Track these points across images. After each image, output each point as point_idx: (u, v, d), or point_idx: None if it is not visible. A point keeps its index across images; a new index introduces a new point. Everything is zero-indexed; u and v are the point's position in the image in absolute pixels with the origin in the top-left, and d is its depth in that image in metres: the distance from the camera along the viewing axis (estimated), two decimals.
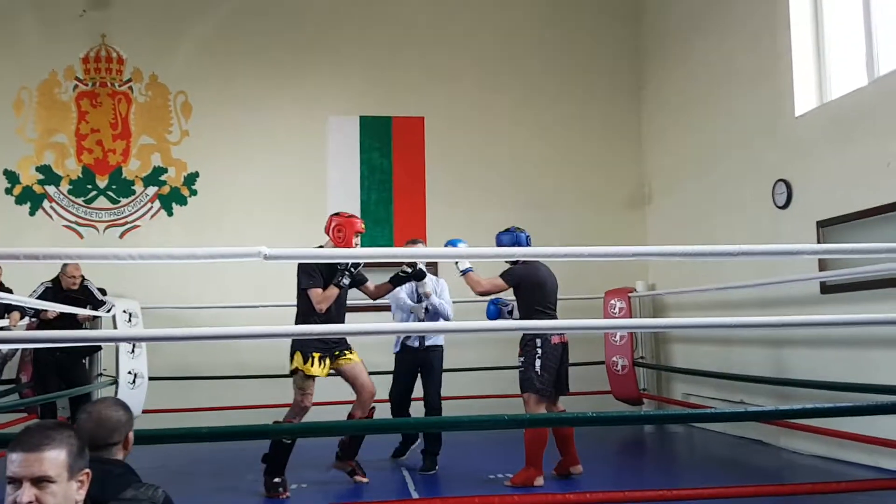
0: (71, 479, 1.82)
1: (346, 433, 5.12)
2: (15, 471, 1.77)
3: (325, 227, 5.10)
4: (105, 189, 8.29)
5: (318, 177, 8.55)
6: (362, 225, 5.08)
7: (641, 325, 7.48)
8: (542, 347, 5.15)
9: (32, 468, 1.77)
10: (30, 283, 6.45)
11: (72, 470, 1.83)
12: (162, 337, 5.21)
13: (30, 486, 1.75)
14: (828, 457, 5.77)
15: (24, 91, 8.21)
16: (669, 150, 8.50)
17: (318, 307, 4.84)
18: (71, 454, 1.84)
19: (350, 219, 5.05)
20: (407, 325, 5.85)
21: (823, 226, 5.93)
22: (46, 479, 1.77)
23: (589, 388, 8.19)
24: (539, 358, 5.16)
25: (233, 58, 8.52)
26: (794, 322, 4.87)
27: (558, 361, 5.23)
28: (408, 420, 5.96)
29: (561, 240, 7.79)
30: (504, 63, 8.98)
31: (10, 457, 1.79)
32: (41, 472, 1.77)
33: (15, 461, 1.78)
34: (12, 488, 1.76)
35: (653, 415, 6.96)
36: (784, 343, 6.28)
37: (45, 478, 1.77)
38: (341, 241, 4.95)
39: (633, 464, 6.48)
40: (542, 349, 5.15)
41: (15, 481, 1.76)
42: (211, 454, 6.05)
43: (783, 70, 6.41)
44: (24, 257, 2.93)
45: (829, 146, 5.93)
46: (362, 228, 5.06)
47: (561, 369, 5.28)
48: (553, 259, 6.35)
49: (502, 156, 8.85)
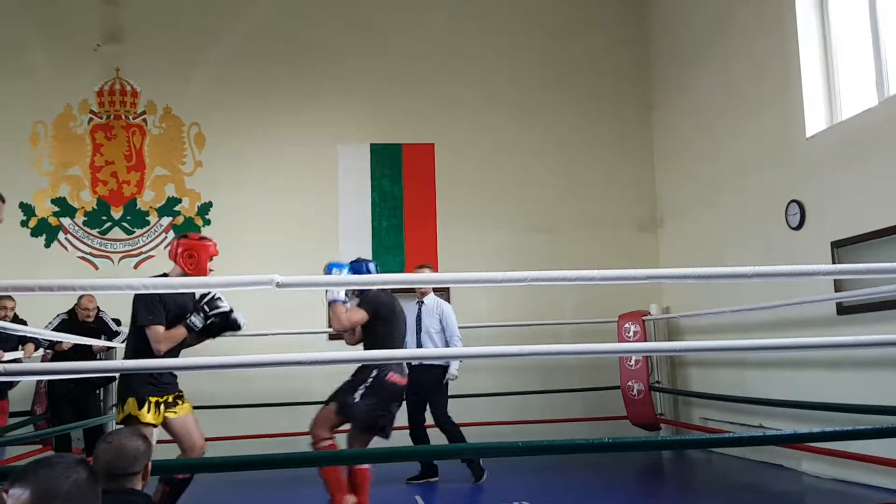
0: None
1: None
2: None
3: (170, 252, 4.40)
4: (120, 220, 8.37)
5: (330, 204, 8.59)
6: (216, 248, 4.37)
7: (656, 349, 7.42)
8: (374, 380, 4.64)
9: None
10: (44, 314, 6.48)
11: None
12: (175, 367, 5.23)
13: None
14: (850, 480, 5.67)
15: (39, 125, 8.33)
16: (681, 172, 8.49)
17: (156, 348, 4.06)
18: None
19: (201, 241, 4.32)
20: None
21: (838, 246, 5.88)
22: None
23: (605, 413, 8.14)
24: (364, 388, 4.63)
25: (244, 88, 8.62)
26: (811, 344, 4.81)
27: (387, 402, 4.67)
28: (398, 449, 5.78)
29: (572, 263, 7.75)
30: (512, 87, 9.03)
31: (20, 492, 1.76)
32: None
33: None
34: None
35: (670, 440, 6.86)
36: (801, 365, 6.21)
37: None
38: (193, 268, 4.23)
39: (651, 490, 6.39)
40: (374, 382, 4.64)
41: None
42: (220, 482, 6.02)
43: (793, 92, 6.41)
44: (38, 289, 2.95)
45: (841, 166, 5.91)
46: (216, 251, 4.36)
47: (389, 410, 4.71)
48: (565, 283, 6.34)
49: (512, 180, 8.87)
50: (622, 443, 4.73)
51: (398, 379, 4.67)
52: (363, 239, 8.58)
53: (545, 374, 8.07)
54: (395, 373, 4.68)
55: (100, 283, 3.98)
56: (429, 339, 6.36)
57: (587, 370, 8.28)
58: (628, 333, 8.00)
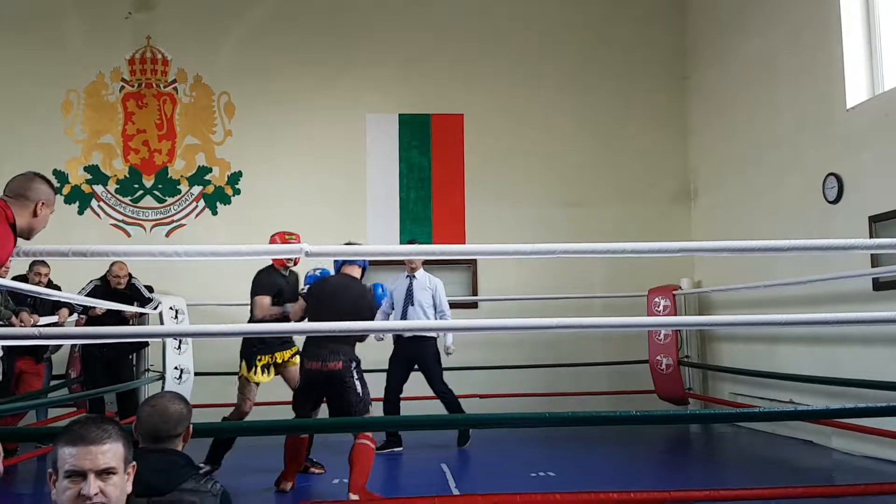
0: (125, 472, 1.86)
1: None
2: (79, 464, 1.79)
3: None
4: (151, 188, 8.45)
5: (358, 174, 8.59)
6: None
7: (685, 323, 7.33)
8: (301, 367, 4.82)
9: (97, 460, 1.80)
10: (77, 280, 6.58)
11: (127, 461, 1.88)
12: (206, 333, 5.33)
13: (95, 479, 1.78)
14: (881, 458, 5.60)
15: (72, 93, 8.40)
16: (715, 143, 8.34)
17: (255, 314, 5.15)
18: (127, 446, 1.89)
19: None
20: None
21: (876, 221, 5.75)
22: (110, 471, 1.81)
23: (632, 387, 8.11)
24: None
25: (273, 58, 8.60)
26: (846, 319, 4.71)
27: (306, 386, 4.77)
28: (432, 417, 5.91)
29: (602, 237, 7.67)
30: (543, 57, 8.90)
31: (69, 451, 1.80)
32: (105, 464, 1.81)
33: (76, 454, 1.79)
34: (71, 482, 1.78)
35: (699, 414, 6.82)
36: (835, 341, 6.11)
37: (110, 469, 1.81)
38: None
39: (678, 464, 6.37)
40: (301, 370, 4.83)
41: (76, 474, 1.78)
42: (249, 447, 6.12)
43: (834, 62, 6.23)
44: (72, 254, 2.99)
45: (881, 139, 5.75)
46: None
47: (308, 395, 4.78)
48: (595, 255, 6.28)
49: (542, 151, 8.78)
50: (649, 416, 4.68)
51: (314, 366, 4.64)
52: (391, 210, 8.58)
53: (573, 347, 8.05)
54: (311, 360, 4.65)
55: (132, 249, 4.03)
56: (421, 312, 6.41)
57: (615, 344, 8.24)
58: (658, 308, 7.93)
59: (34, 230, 2.81)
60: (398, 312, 6.48)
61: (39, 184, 2.81)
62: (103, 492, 1.79)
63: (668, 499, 3.86)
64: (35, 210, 2.77)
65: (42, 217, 2.80)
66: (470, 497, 4.44)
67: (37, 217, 2.78)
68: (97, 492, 1.78)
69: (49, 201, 2.83)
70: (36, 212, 2.77)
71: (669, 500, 3.87)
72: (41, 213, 2.79)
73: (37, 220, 2.79)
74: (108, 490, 1.80)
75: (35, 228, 2.81)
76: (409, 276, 6.57)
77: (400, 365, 6.48)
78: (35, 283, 6.01)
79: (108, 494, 1.80)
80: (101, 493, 1.78)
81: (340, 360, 4.53)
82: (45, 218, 2.82)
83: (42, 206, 2.79)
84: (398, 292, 6.54)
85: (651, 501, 3.89)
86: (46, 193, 2.82)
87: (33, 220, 2.78)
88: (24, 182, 2.79)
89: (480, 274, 8.52)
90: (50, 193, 2.84)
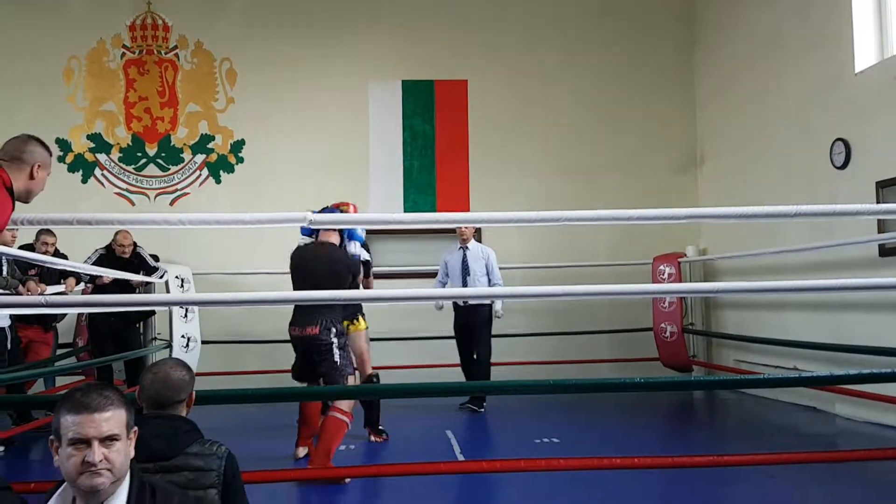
0: (128, 437, 1.87)
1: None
2: (82, 431, 1.80)
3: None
4: (154, 157, 8.42)
5: (361, 142, 8.53)
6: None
7: (690, 290, 7.32)
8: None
9: (101, 428, 1.81)
10: (83, 249, 6.59)
11: (129, 427, 1.89)
12: (212, 301, 5.33)
13: (98, 446, 1.80)
14: (884, 423, 5.63)
15: (73, 60, 8.33)
16: (722, 110, 8.26)
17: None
18: (129, 412, 1.90)
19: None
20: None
21: (883, 186, 5.71)
22: (114, 438, 1.83)
23: (637, 354, 8.14)
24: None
25: (275, 23, 8.51)
26: (852, 285, 4.68)
27: (297, 351, 4.80)
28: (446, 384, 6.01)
29: (607, 206, 7.61)
30: (549, 22, 8.78)
31: (71, 419, 1.81)
32: (109, 431, 1.82)
33: (79, 422, 1.80)
34: (75, 449, 1.80)
35: (703, 380, 6.85)
36: (840, 307, 6.11)
37: (113, 436, 1.82)
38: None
39: (682, 430, 6.42)
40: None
41: (80, 441, 1.80)
42: (260, 415, 6.17)
43: (842, 25, 6.14)
44: (77, 222, 2.97)
45: (890, 103, 5.68)
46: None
47: (298, 362, 4.80)
48: (601, 223, 6.26)
49: (547, 118, 8.70)
50: (653, 382, 4.68)
51: (294, 331, 4.67)
52: (394, 178, 8.54)
53: (577, 315, 8.05)
54: (291, 325, 4.68)
55: (137, 217, 4.00)
56: (476, 281, 6.73)
57: (619, 312, 8.24)
58: (663, 275, 7.92)
59: (32, 193, 2.77)
60: (456, 283, 6.79)
61: (34, 146, 2.76)
62: (107, 458, 1.80)
63: (671, 464, 3.89)
64: (31, 173, 2.73)
65: (39, 179, 2.76)
66: (475, 462, 4.49)
67: (34, 180, 2.74)
68: (101, 458, 1.79)
69: (45, 163, 2.78)
70: (32, 174, 2.73)
71: (672, 465, 3.90)
72: (38, 175, 2.75)
73: (34, 183, 2.75)
74: (112, 456, 1.81)
75: (33, 191, 2.76)
76: (462, 248, 6.86)
77: (461, 333, 6.85)
78: (42, 253, 6.01)
79: (112, 460, 1.81)
80: (106, 459, 1.80)
81: (317, 326, 4.56)
82: (42, 180, 2.77)
83: (38, 168, 2.74)
84: (453, 263, 6.88)
85: (654, 467, 3.92)
86: (42, 156, 2.77)
87: (30, 182, 2.73)
88: (18, 145, 2.75)
89: (485, 242, 8.50)
90: (46, 155, 2.79)
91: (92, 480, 1.78)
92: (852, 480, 4.13)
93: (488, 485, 4.35)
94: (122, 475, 1.85)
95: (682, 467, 3.98)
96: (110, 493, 1.82)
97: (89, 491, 1.79)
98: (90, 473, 1.78)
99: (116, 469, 1.82)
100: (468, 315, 6.74)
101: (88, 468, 1.78)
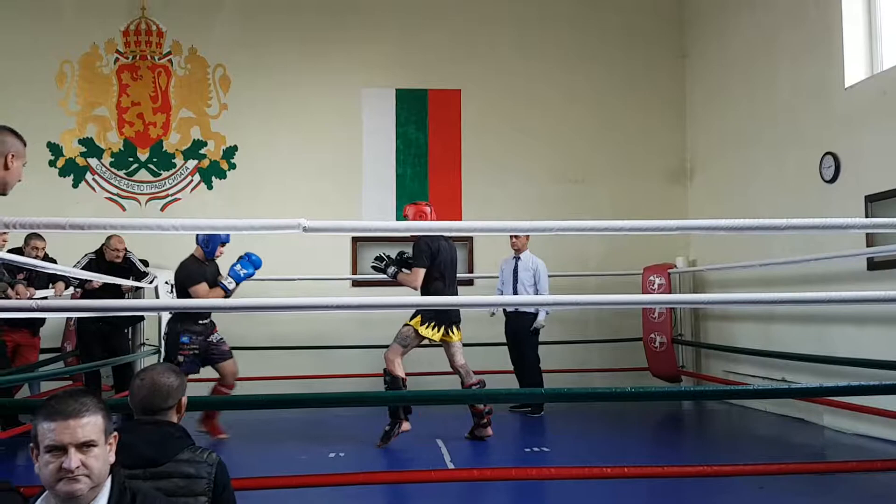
0: (106, 443, 1.86)
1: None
2: (58, 438, 1.79)
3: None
4: (146, 162, 8.40)
5: (355, 150, 8.54)
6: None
7: (680, 301, 7.34)
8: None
9: (76, 434, 1.80)
10: (73, 254, 6.56)
11: (107, 432, 1.88)
12: (201, 307, 5.31)
13: (75, 452, 1.79)
14: (872, 435, 5.66)
15: (66, 64, 8.31)
16: (713, 121, 8.32)
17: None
18: (106, 417, 1.89)
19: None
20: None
21: (872, 200, 5.75)
22: (90, 444, 1.81)
23: (626, 364, 8.16)
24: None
25: (269, 30, 8.52)
26: (840, 298, 4.71)
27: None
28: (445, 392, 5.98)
29: (598, 215, 7.71)
30: (542, 32, 8.83)
31: (47, 425, 1.80)
32: (85, 437, 1.81)
33: (55, 429, 1.79)
34: (52, 456, 1.79)
35: (692, 390, 6.87)
36: (829, 320, 6.15)
37: (90, 442, 1.81)
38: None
39: (671, 440, 6.43)
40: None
41: (56, 448, 1.79)
42: (248, 421, 6.15)
43: (833, 40, 6.20)
44: (70, 227, 2.95)
45: (880, 118, 5.74)
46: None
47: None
48: (592, 234, 6.30)
49: (539, 128, 8.74)
50: (643, 392, 4.69)
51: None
52: (387, 186, 8.56)
53: (567, 325, 8.08)
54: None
55: (130, 222, 3.99)
56: (524, 290, 6.97)
57: (609, 322, 8.27)
58: (653, 286, 7.95)
59: (8, 184, 2.71)
60: (507, 290, 7.10)
61: (6, 136, 2.70)
62: (85, 464, 1.79)
63: (660, 474, 3.91)
64: (5, 163, 2.68)
65: (14, 170, 2.70)
66: (465, 471, 4.48)
67: (8, 170, 2.68)
68: (78, 465, 1.78)
69: (19, 153, 2.72)
70: (7, 164, 2.68)
71: (662, 475, 3.92)
72: (13, 165, 2.69)
73: (9, 174, 2.69)
74: (90, 462, 1.80)
75: (9, 182, 2.71)
76: (515, 258, 7.10)
77: (508, 339, 7.16)
78: (31, 257, 5.98)
79: (90, 466, 1.80)
80: (83, 465, 1.79)
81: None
82: (17, 171, 2.71)
83: (12, 158, 2.69)
84: (506, 272, 7.15)
85: (644, 476, 3.93)
86: (15, 145, 2.71)
87: (5, 173, 2.68)
88: None
89: (477, 251, 8.53)
90: (19, 145, 2.73)
91: (69, 487, 1.78)
92: (840, 492, 4.16)
93: (478, 493, 4.35)
94: (101, 481, 1.84)
95: (671, 477, 4.00)
96: (89, 499, 1.82)
97: (67, 497, 1.79)
98: (67, 480, 1.78)
99: (94, 475, 1.81)
100: (514, 322, 7.02)
101: (66, 475, 1.78)
